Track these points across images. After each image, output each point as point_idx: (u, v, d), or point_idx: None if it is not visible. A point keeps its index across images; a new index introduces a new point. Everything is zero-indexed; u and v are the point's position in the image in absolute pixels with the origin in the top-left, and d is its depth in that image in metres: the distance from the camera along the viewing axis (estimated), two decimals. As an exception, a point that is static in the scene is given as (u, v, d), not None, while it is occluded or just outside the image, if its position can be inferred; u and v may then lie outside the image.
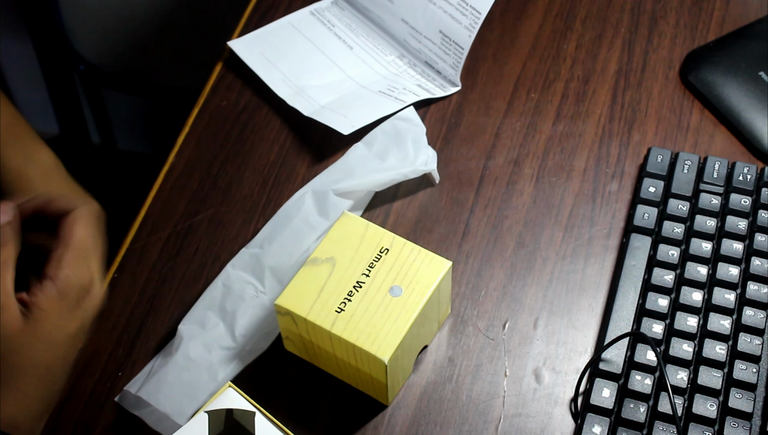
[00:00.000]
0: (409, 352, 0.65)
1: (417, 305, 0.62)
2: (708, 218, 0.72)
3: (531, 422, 0.66)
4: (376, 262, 0.64)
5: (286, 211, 0.73)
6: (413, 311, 0.62)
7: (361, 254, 0.64)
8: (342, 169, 0.74)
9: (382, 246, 0.64)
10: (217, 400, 0.58)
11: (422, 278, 0.63)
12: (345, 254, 0.64)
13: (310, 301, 0.62)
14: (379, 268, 0.64)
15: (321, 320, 0.62)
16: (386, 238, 0.65)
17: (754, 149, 0.78)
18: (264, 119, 0.82)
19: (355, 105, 0.80)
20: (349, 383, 0.67)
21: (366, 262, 0.64)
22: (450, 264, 0.64)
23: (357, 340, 0.61)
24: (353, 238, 0.65)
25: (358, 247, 0.64)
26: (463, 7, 0.80)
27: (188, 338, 0.67)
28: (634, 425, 0.63)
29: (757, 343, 0.66)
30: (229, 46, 0.86)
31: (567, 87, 0.83)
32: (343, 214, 0.66)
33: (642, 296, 0.69)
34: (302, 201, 0.73)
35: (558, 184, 0.77)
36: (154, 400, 0.65)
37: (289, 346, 0.68)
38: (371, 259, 0.64)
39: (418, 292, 0.63)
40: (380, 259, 0.64)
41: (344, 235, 0.65)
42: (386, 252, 0.64)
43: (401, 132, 0.76)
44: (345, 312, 0.62)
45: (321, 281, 0.63)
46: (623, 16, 0.87)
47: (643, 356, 0.65)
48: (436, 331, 0.69)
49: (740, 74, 0.80)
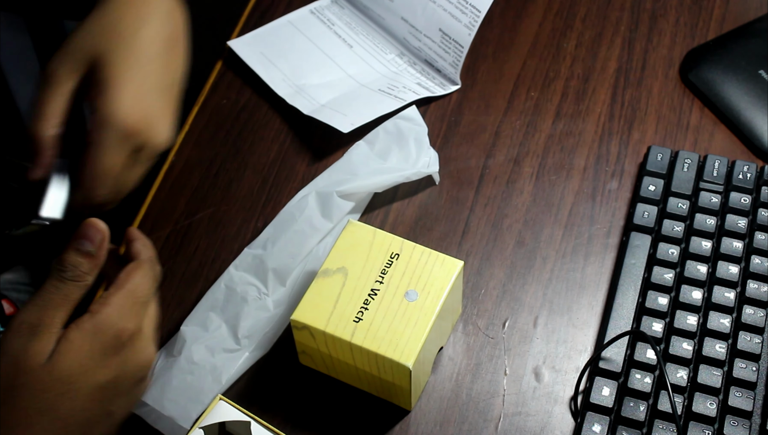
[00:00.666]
0: (429, 354, 0.65)
1: (434, 308, 0.62)
2: (708, 217, 0.72)
3: (531, 421, 0.66)
4: (388, 268, 0.63)
5: (289, 212, 0.72)
6: (431, 314, 0.61)
7: (372, 262, 0.64)
8: (344, 169, 0.74)
9: (392, 251, 0.64)
10: (210, 415, 0.58)
11: (436, 280, 0.63)
12: (356, 263, 0.64)
13: (327, 314, 0.62)
14: (391, 274, 0.63)
15: (340, 331, 0.61)
16: (395, 243, 0.64)
17: (754, 147, 0.78)
18: (264, 118, 0.82)
19: (354, 103, 0.80)
20: (369, 392, 0.66)
21: (378, 269, 0.63)
22: (462, 264, 0.64)
23: (379, 348, 0.60)
24: (362, 246, 0.64)
25: (368, 254, 0.64)
26: (463, 5, 0.80)
27: (191, 341, 0.67)
28: (634, 424, 0.63)
29: (757, 342, 0.66)
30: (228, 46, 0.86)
31: (567, 85, 0.83)
32: (349, 223, 0.66)
33: (642, 295, 0.69)
34: (305, 202, 0.72)
35: (558, 183, 0.77)
36: (159, 405, 0.65)
37: (306, 361, 0.67)
38: (383, 265, 0.63)
39: (434, 294, 0.62)
40: (392, 264, 0.63)
41: (352, 244, 0.64)
42: (397, 257, 0.64)
43: (403, 131, 0.76)
44: (363, 321, 0.61)
45: (335, 292, 0.62)
46: (623, 14, 0.87)
47: (643, 355, 0.65)
48: (450, 331, 0.69)
49: (740, 72, 0.80)
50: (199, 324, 0.68)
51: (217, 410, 0.58)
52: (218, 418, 0.58)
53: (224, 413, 0.58)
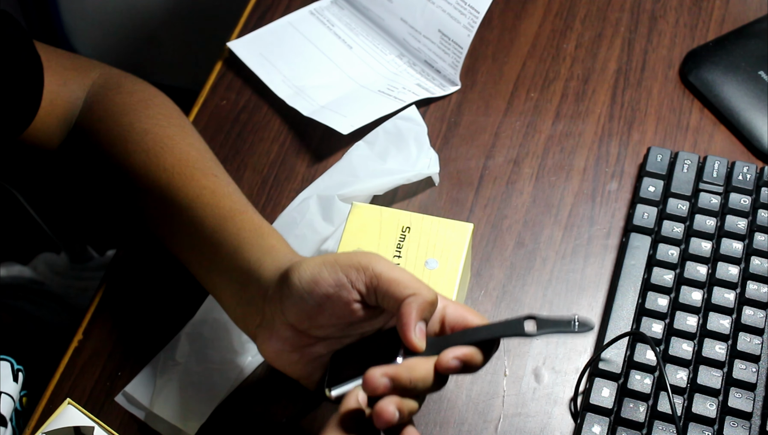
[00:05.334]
0: None
1: (456, 271, 0.64)
2: (707, 218, 0.72)
3: (530, 422, 0.66)
4: (402, 242, 0.65)
5: (291, 216, 0.72)
6: (455, 277, 0.63)
7: (386, 238, 0.65)
8: (345, 170, 0.74)
9: (403, 225, 0.65)
10: (56, 419, 0.58)
11: (451, 246, 0.64)
12: (370, 242, 0.65)
13: None
14: (407, 247, 0.65)
15: None
16: (404, 217, 0.66)
17: (754, 148, 0.78)
18: (263, 119, 0.82)
19: (354, 104, 0.80)
20: None
21: (393, 245, 0.65)
22: (472, 226, 0.65)
23: None
24: (372, 225, 0.66)
25: (380, 232, 0.65)
26: (462, 6, 0.80)
27: (194, 346, 0.67)
28: (633, 425, 0.63)
29: (757, 343, 0.66)
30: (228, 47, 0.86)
31: (566, 86, 0.83)
32: (354, 206, 0.67)
33: (641, 296, 0.69)
34: (306, 206, 0.72)
35: (557, 184, 0.77)
36: (160, 410, 0.65)
37: None
38: (397, 240, 0.65)
39: (453, 258, 0.64)
40: (405, 238, 0.65)
41: (362, 226, 0.66)
42: (408, 230, 0.65)
43: (403, 132, 0.76)
44: None
45: None
46: (623, 15, 0.87)
47: (643, 356, 0.65)
48: (466, 294, 0.70)
49: (740, 73, 0.80)
50: (202, 328, 0.68)
51: (63, 415, 0.58)
52: (64, 422, 0.58)
53: (70, 418, 0.58)
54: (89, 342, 0.70)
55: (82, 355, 0.69)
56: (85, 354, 0.70)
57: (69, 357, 0.69)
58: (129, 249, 0.75)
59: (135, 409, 0.66)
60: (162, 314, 0.71)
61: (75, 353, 0.70)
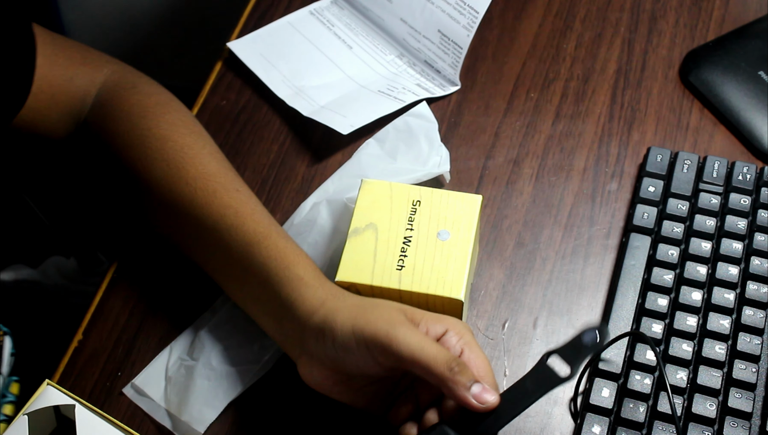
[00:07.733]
0: (468, 288, 0.67)
1: (468, 241, 0.65)
2: (707, 218, 0.72)
3: (530, 422, 0.66)
4: (413, 215, 0.66)
5: (303, 222, 0.72)
6: (467, 247, 0.65)
7: (397, 212, 0.66)
8: (354, 171, 0.74)
9: (413, 199, 0.67)
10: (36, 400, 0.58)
11: (462, 217, 0.66)
12: (382, 217, 0.66)
13: (369, 268, 0.64)
14: (419, 220, 0.66)
15: (386, 282, 0.63)
16: (413, 191, 0.67)
17: (754, 149, 0.78)
18: (263, 119, 0.82)
19: (354, 105, 0.80)
20: None
21: (405, 218, 0.66)
22: (481, 197, 0.67)
23: (428, 289, 0.63)
24: (383, 200, 0.67)
25: (391, 206, 0.66)
26: (461, 6, 0.80)
27: (210, 346, 0.68)
28: (633, 425, 0.63)
29: (757, 343, 0.66)
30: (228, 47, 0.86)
31: (566, 86, 0.83)
32: (364, 182, 0.68)
33: (641, 296, 0.69)
34: (317, 211, 0.72)
35: (557, 184, 0.77)
36: (175, 409, 0.65)
37: None
38: (408, 213, 0.66)
39: (464, 229, 0.65)
40: (416, 211, 0.66)
41: (373, 201, 0.67)
42: (419, 204, 0.66)
43: (413, 129, 0.76)
44: (406, 268, 0.64)
45: (371, 247, 0.65)
46: (623, 15, 0.87)
47: (643, 356, 0.65)
48: (475, 266, 0.71)
49: (740, 74, 0.80)
50: (219, 330, 0.68)
51: (43, 396, 0.58)
52: (45, 403, 0.58)
53: (51, 398, 0.58)
54: (89, 342, 0.70)
55: (82, 355, 0.70)
56: (85, 354, 0.70)
57: (69, 357, 0.69)
58: (129, 249, 0.75)
59: (144, 402, 0.66)
60: (162, 314, 0.71)
61: (75, 353, 0.70)
